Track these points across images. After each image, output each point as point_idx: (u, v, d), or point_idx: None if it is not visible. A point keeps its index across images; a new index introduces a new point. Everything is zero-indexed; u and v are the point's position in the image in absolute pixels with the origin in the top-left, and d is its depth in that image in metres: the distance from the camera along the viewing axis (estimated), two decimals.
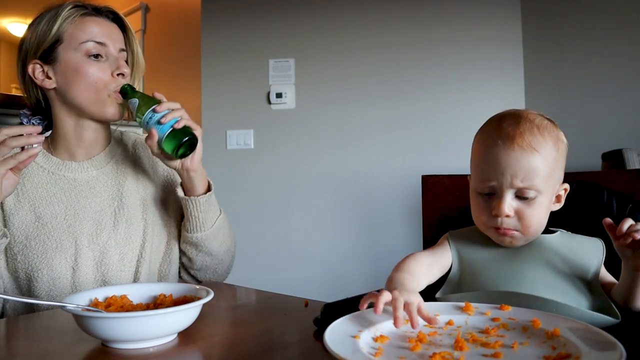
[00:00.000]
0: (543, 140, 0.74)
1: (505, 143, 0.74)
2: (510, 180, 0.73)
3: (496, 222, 0.75)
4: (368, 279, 2.52)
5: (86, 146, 1.07)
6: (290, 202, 2.62)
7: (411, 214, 2.45)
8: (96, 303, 0.70)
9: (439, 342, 0.56)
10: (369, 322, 0.60)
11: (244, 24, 2.67)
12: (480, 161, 0.77)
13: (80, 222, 1.01)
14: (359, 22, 2.62)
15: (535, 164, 0.73)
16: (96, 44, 1.00)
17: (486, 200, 0.77)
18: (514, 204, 0.74)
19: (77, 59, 1.00)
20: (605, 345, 0.50)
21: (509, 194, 0.74)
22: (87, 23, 1.01)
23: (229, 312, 0.87)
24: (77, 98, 1.00)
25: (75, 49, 1.00)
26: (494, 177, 0.74)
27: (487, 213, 0.76)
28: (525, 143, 0.73)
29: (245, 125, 2.67)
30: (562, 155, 0.77)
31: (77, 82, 0.99)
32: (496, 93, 2.51)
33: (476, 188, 0.78)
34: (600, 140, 2.09)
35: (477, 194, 0.78)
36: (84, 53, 1.00)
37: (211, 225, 1.06)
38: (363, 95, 2.60)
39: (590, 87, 2.37)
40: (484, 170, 0.76)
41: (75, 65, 0.99)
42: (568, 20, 2.46)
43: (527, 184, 0.73)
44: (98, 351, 0.62)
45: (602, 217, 0.70)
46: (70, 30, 1.00)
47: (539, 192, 0.74)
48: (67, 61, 1.00)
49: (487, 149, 0.76)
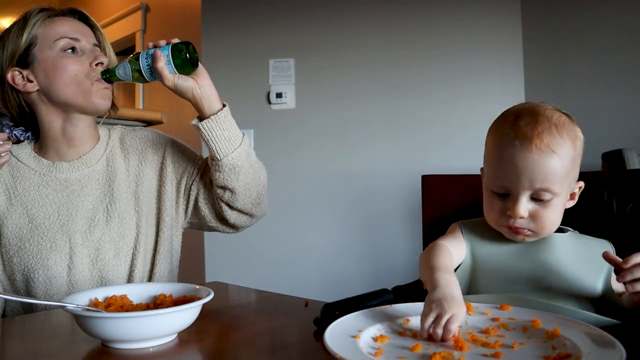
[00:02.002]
0: (562, 141, 0.72)
1: (522, 144, 0.71)
2: (527, 183, 0.72)
3: (509, 221, 0.75)
4: (368, 278, 2.52)
5: (75, 145, 1.07)
6: (290, 202, 2.62)
7: (411, 214, 2.45)
8: (96, 303, 0.70)
9: (439, 342, 0.56)
10: (369, 322, 0.60)
11: (244, 24, 2.67)
12: (497, 161, 0.76)
13: (73, 220, 1.01)
14: (359, 23, 2.62)
15: (553, 166, 0.71)
16: (69, 40, 1.02)
17: (500, 199, 0.76)
18: (529, 206, 0.73)
19: (54, 56, 1.01)
20: (605, 345, 0.50)
21: (524, 196, 0.73)
22: (56, 23, 1.04)
23: (229, 312, 0.87)
24: (61, 94, 1.01)
25: (50, 48, 1.01)
26: (510, 178, 0.73)
27: (501, 212, 0.75)
28: (543, 145, 0.71)
29: (245, 125, 2.67)
30: (579, 154, 0.76)
31: (58, 77, 1.00)
32: (496, 93, 2.51)
33: (490, 187, 0.77)
34: (600, 140, 2.09)
35: (491, 192, 0.77)
36: (59, 50, 1.01)
37: (240, 142, 1.06)
38: (363, 95, 2.60)
39: (590, 87, 2.37)
40: (499, 169, 0.75)
41: (52, 62, 1.00)
42: (568, 20, 2.46)
43: (543, 186, 0.71)
44: (98, 351, 0.62)
45: (602, 217, 0.70)
46: (42, 31, 1.02)
47: (555, 195, 0.73)
48: (44, 60, 1.01)
49: (503, 149, 0.74)
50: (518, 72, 2.52)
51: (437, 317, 0.56)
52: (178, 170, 1.13)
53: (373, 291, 0.73)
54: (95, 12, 4.12)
